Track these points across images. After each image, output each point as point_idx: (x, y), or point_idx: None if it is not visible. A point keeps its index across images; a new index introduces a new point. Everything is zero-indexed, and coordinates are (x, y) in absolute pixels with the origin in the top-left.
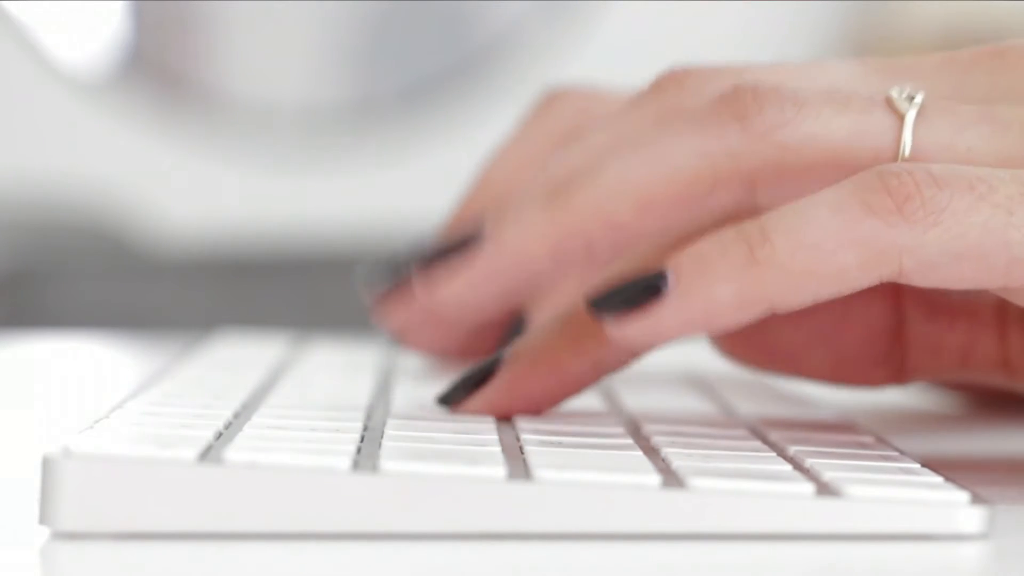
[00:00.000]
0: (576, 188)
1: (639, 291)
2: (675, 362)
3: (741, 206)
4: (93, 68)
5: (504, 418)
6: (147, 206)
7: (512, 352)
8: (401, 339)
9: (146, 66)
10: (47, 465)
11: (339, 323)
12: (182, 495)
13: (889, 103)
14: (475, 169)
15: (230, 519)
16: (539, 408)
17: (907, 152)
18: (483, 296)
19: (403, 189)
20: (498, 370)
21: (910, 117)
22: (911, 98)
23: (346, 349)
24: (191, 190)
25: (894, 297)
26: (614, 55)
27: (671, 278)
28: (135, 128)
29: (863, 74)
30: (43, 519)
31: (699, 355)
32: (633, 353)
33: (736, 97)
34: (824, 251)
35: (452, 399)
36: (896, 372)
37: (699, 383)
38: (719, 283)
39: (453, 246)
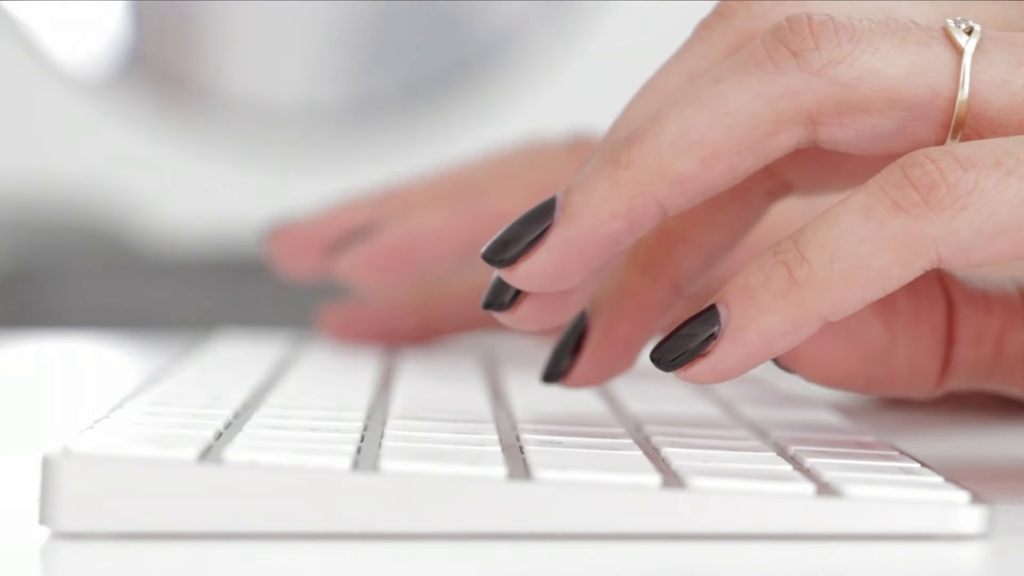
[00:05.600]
0: (638, 148)
1: (695, 338)
2: None
3: (803, 145)
4: (93, 68)
5: (610, 375)
6: (147, 206)
7: (593, 304)
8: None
9: (146, 66)
10: (47, 465)
11: None
12: (182, 495)
13: (947, 34)
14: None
15: (230, 519)
16: (636, 349)
17: (965, 89)
18: (563, 268)
19: None
20: (589, 325)
21: (969, 52)
22: (969, 29)
23: (346, 349)
24: (191, 190)
25: (943, 285)
26: (614, 55)
27: (722, 316)
28: (135, 128)
29: None
30: (43, 519)
31: None
32: (708, 262)
33: (791, 31)
34: (860, 257)
35: (558, 371)
36: (943, 370)
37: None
38: (767, 313)
39: (526, 222)
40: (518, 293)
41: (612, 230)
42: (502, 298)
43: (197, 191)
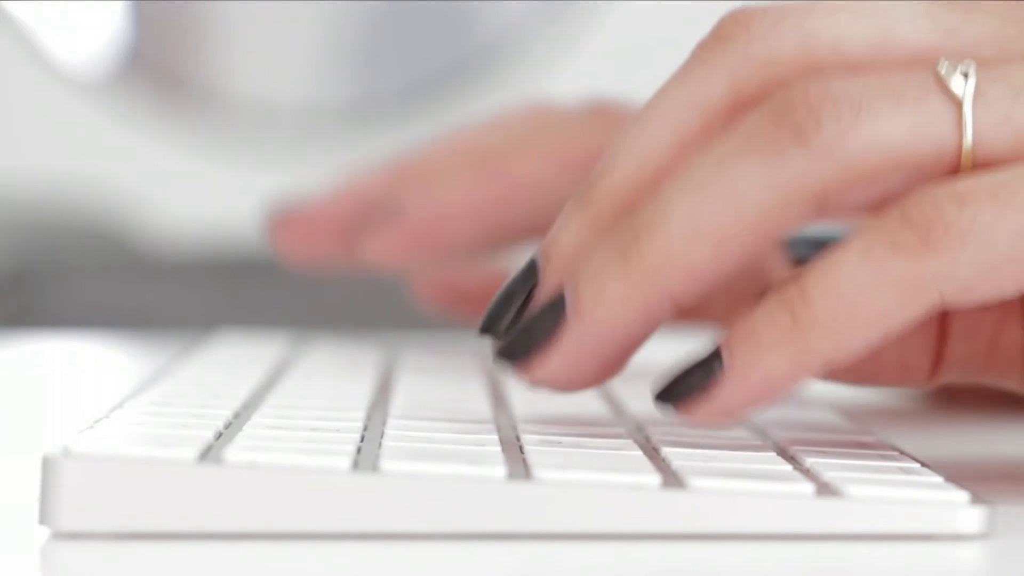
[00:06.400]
0: (649, 242)
1: (698, 378)
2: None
3: (811, 218)
4: (93, 68)
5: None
6: (147, 206)
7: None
8: (290, 254)
9: (146, 66)
10: (47, 465)
11: (339, 323)
12: (182, 495)
13: (942, 84)
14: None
15: (230, 519)
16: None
17: (969, 139)
18: (580, 370)
19: None
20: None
21: (968, 99)
22: (965, 74)
23: (346, 349)
24: (191, 190)
25: None
26: (614, 56)
27: (725, 358)
28: (135, 128)
29: (928, 11)
30: (43, 519)
31: None
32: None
33: (790, 111)
34: (862, 301)
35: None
36: (935, 363)
37: None
38: (770, 356)
39: (535, 324)
40: (516, 320)
41: (627, 330)
42: (499, 326)
43: (197, 191)
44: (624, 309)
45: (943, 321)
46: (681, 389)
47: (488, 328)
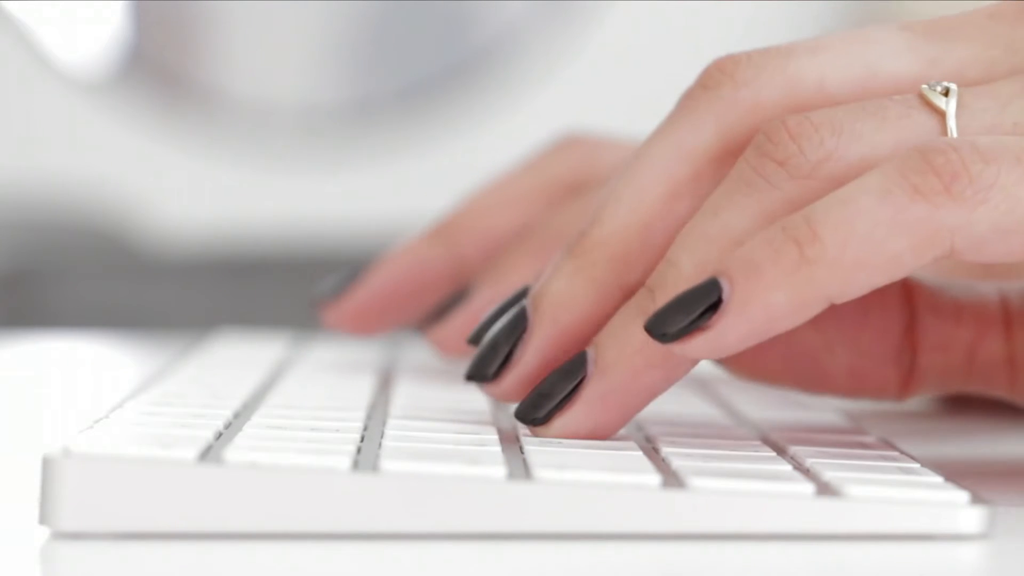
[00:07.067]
0: (662, 295)
1: (696, 310)
2: None
3: None
4: (93, 68)
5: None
6: (147, 206)
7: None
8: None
9: (146, 66)
10: (47, 465)
11: None
12: (182, 495)
13: (925, 101)
14: (468, 190)
15: (230, 519)
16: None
17: None
18: (601, 420)
19: (403, 189)
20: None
21: (951, 112)
22: (945, 91)
23: (346, 349)
24: (191, 190)
25: (906, 293)
26: (614, 55)
27: (725, 289)
28: (135, 128)
29: (909, 43)
30: (43, 519)
31: None
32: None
33: (771, 142)
34: (874, 240)
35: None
36: (906, 376)
37: (699, 384)
38: (773, 290)
39: (558, 382)
40: (503, 365)
41: (649, 381)
42: (486, 373)
43: (197, 191)
44: (645, 361)
45: (913, 334)
46: (676, 321)
47: (475, 375)
